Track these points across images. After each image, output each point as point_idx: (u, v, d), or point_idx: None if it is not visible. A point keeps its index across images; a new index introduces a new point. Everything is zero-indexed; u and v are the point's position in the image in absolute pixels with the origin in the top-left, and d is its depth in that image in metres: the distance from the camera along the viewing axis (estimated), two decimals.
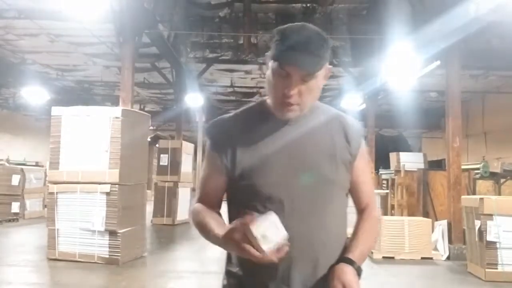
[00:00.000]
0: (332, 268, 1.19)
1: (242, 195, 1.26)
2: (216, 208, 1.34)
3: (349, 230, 1.32)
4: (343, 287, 1.13)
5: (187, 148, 11.13)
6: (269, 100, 1.31)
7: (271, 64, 1.22)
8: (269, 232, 1.04)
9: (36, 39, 9.38)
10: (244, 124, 1.30)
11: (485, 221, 5.50)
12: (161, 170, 10.48)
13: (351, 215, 1.37)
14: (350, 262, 1.18)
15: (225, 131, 1.30)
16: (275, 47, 1.20)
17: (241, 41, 9.98)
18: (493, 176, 8.68)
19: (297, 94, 1.19)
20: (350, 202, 1.38)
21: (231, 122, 1.33)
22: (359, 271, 1.19)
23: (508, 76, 10.97)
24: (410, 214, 9.37)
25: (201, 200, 1.35)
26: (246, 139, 1.26)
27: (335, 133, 1.30)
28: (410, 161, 11.30)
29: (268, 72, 1.24)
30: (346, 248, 1.25)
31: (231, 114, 1.36)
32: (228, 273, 1.32)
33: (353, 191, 1.36)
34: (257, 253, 1.05)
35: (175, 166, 10.32)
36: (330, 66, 1.27)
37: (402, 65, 7.96)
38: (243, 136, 1.27)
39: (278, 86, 1.20)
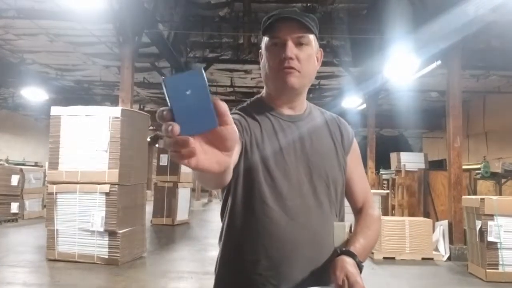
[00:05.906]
0: (331, 261, 1.10)
1: (246, 188, 1.18)
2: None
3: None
4: (346, 277, 1.04)
5: None
6: (264, 94, 1.30)
7: (264, 42, 1.23)
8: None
9: (35, 38, 9.36)
10: (250, 119, 1.25)
11: (486, 221, 5.49)
12: (161, 170, 10.47)
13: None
14: (351, 254, 1.10)
15: (239, 120, 1.22)
16: (265, 24, 1.21)
17: (241, 41, 9.96)
18: (494, 176, 8.67)
19: (295, 59, 1.18)
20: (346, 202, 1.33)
21: (240, 115, 1.26)
22: (359, 266, 1.10)
23: (509, 76, 10.96)
24: (411, 214, 9.36)
25: None
26: (254, 133, 1.21)
27: (334, 133, 1.31)
28: (410, 161, 11.33)
29: (262, 57, 1.24)
30: (346, 243, 1.17)
31: (236, 110, 1.30)
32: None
33: (347, 190, 1.32)
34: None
35: (174, 166, 10.29)
36: (321, 50, 1.28)
37: (402, 65, 7.95)
38: (251, 130, 1.21)
39: (275, 57, 1.20)
